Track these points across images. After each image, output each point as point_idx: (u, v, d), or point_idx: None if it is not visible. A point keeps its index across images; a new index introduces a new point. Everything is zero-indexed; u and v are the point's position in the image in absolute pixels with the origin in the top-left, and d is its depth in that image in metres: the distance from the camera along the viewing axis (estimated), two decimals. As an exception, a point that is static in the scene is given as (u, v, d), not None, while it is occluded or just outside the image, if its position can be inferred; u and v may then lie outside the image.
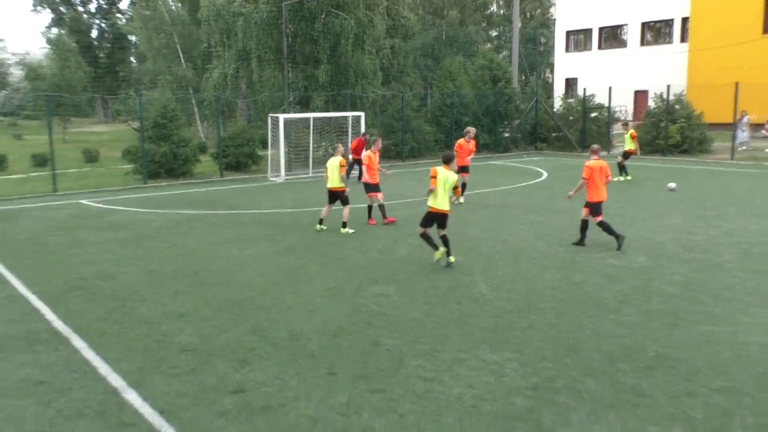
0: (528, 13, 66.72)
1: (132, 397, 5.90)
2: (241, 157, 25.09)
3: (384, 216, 14.16)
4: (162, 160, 22.74)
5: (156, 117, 23.20)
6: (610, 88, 31.26)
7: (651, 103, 30.88)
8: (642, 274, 9.61)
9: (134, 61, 69.89)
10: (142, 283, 9.70)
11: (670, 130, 28.14)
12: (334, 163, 13.13)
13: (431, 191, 9.99)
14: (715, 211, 14.72)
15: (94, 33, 70.54)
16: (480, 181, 21.21)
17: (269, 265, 10.58)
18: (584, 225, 11.61)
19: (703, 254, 10.77)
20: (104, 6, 70.66)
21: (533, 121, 33.49)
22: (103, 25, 70.30)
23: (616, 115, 37.34)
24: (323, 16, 28.48)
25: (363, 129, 24.72)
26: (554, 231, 12.85)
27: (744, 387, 5.86)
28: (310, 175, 24.28)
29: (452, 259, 10.18)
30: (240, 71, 31.69)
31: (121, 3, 71.11)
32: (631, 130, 21.52)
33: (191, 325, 7.74)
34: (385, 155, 29.05)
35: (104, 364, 6.64)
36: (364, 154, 14.78)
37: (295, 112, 27.94)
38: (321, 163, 25.44)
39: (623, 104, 43.67)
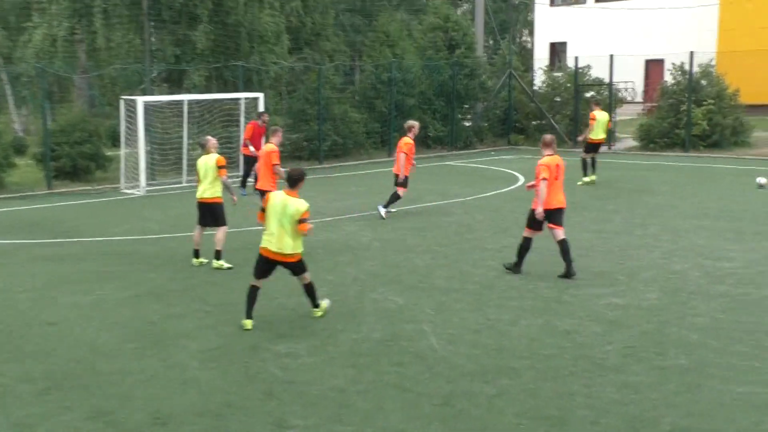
0: (496, -49, 68.28)
1: None
2: (79, 160, 24.60)
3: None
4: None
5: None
6: (611, 57, 32.21)
7: (668, 78, 31.91)
8: (654, 317, 9.92)
9: None
10: (-74, 348, 9.43)
11: (694, 116, 29.13)
12: (209, 163, 13.10)
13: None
14: (754, 227, 15.33)
15: None
16: (430, 189, 21.50)
17: (122, 317, 10.44)
18: (527, 245, 12.13)
19: (737, 287, 11.19)
20: None
21: (505, 104, 34.19)
22: None
23: (620, 95, 38.57)
24: (201, -46, 28.41)
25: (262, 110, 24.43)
26: (533, 259, 13.11)
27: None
28: (184, 184, 24.06)
29: (319, 312, 10.19)
30: (77, 32, 31.13)
31: None
32: (594, 111, 22.72)
33: (0, 411, 7.57)
34: (294, 155, 29.06)
35: None
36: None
37: (161, 92, 27.66)
38: (199, 166, 25.30)
39: (631, 79, 45.18)
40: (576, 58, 33.86)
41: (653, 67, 45.65)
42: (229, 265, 13.03)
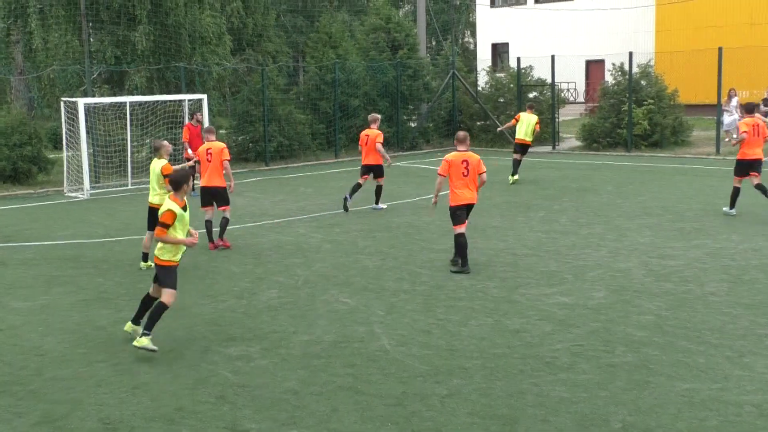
0: (438, -48, 68.57)
1: None
2: (20, 163, 24.24)
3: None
4: None
5: None
6: (553, 58, 32.56)
7: (609, 78, 32.37)
8: (601, 315, 10.06)
9: None
10: None
11: (635, 115, 29.55)
12: (156, 169, 12.98)
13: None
14: (696, 224, 15.63)
15: None
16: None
17: (69, 322, 10.33)
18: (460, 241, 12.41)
19: (681, 284, 11.40)
20: None
21: (449, 104, 34.35)
22: None
23: (563, 95, 39.01)
24: (140, -47, 28.13)
25: (206, 116, 24.30)
26: (483, 260, 13.24)
27: (737, 461, 6.32)
28: (130, 186, 23.85)
29: (139, 342, 8.89)
30: (12, 32, 30.62)
31: None
32: (523, 112, 23.55)
33: (-51, 418, 7.46)
34: (240, 157, 28.96)
35: None
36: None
37: (102, 94, 27.34)
38: (144, 169, 25.06)
39: (572, 80, 45.78)
40: (518, 59, 34.16)
41: (594, 67, 46.28)
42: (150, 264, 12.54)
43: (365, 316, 10.26)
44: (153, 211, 12.80)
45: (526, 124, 22.81)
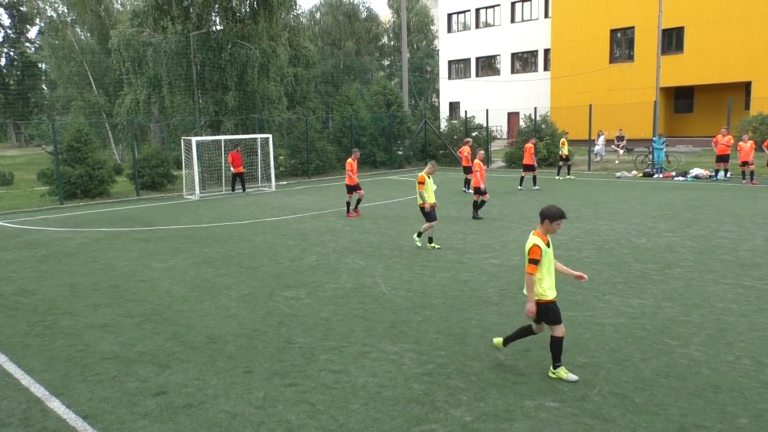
0: (415, 45, 68.35)
1: (55, 404, 5.63)
2: (156, 177, 24.27)
3: (355, 209, 16.56)
4: (78, 182, 21.65)
5: (70, 141, 22.06)
6: (487, 111, 32.57)
7: (522, 123, 32.36)
8: (518, 271, 10.07)
9: (45, 87, 65.83)
10: (62, 297, 9.22)
11: (538, 147, 29.49)
12: (418, 177, 12.10)
13: None
14: (576, 214, 15.64)
15: (3, 61, 65.99)
16: (379, 194, 21.55)
17: (187, 276, 10.32)
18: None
19: (567, 251, 11.42)
20: (12, 36, 66.24)
21: (423, 140, 34.31)
22: (12, 53, 65.84)
23: (493, 134, 38.91)
24: (230, 47, 28.04)
25: (271, 149, 24.53)
26: (444, 236, 13.24)
27: (601, 362, 6.31)
28: (223, 192, 23.85)
29: (556, 374, 5.95)
30: (152, 97, 30.63)
31: (29, 33, 66.88)
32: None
33: (113, 335, 7.45)
34: (292, 173, 28.99)
35: (26, 376, 6.30)
36: (348, 161, 16.56)
37: (206, 134, 27.31)
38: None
39: (499, 124, 45.73)
40: (465, 112, 34.14)
41: (512, 116, 46.17)
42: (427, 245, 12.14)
43: (371, 272, 10.28)
44: (422, 209, 12.15)
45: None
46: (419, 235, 12.40)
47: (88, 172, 21.90)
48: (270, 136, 25.13)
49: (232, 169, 23.38)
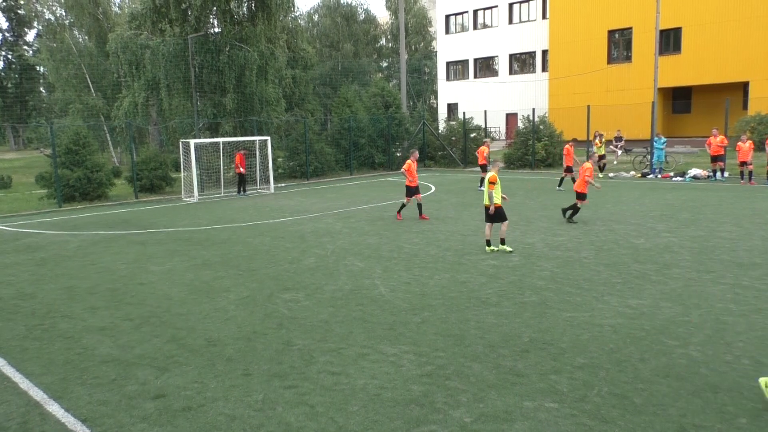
0: (413, 46, 68.39)
1: (54, 408, 5.63)
2: (154, 180, 24.26)
3: (420, 215, 15.85)
4: (76, 185, 21.64)
5: (68, 144, 22.05)
6: (485, 112, 32.65)
7: (520, 124, 32.37)
8: (516, 272, 10.09)
9: (43, 90, 65.77)
10: (61, 300, 9.21)
11: (537, 147, 29.56)
12: (487, 178, 11.65)
13: None
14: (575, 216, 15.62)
15: (1, 64, 65.93)
16: (377, 195, 21.55)
17: (185, 279, 10.32)
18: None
19: (566, 252, 11.43)
20: (10, 39, 66.19)
21: (421, 141, 34.31)
22: (9, 56, 65.78)
23: (491, 135, 38.92)
24: (228, 49, 28.02)
25: (269, 151, 24.58)
26: (442, 238, 13.25)
27: (600, 362, 6.31)
28: (222, 194, 23.83)
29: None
30: (150, 100, 30.59)
31: (27, 36, 66.86)
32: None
33: (111, 338, 7.45)
34: (291, 175, 28.99)
35: (25, 379, 6.29)
36: (407, 162, 16.01)
37: (205, 137, 27.29)
38: (231, 184, 25.04)
39: (497, 125, 45.75)
40: (464, 113, 34.13)
41: (511, 117, 46.23)
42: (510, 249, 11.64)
43: (369, 274, 10.27)
44: (486, 210, 11.75)
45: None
46: (503, 242, 11.69)
47: (87, 175, 21.89)
48: (268, 138, 25.12)
49: (242, 169, 23.40)
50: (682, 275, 9.52)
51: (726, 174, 23.21)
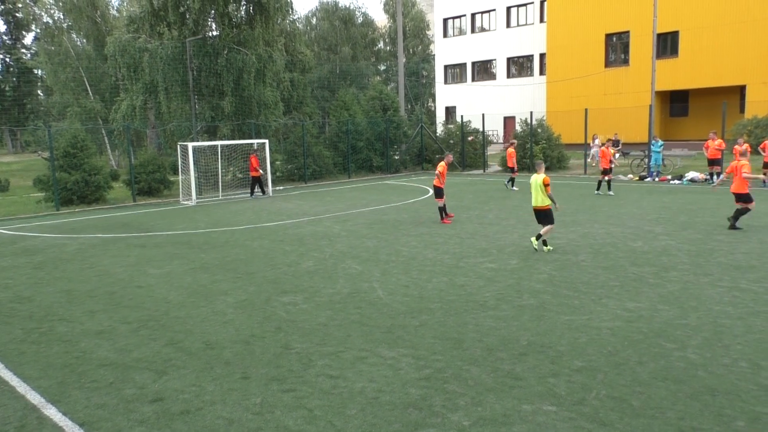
0: (411, 50, 68.47)
1: (52, 412, 5.61)
2: (152, 183, 24.24)
3: (445, 214, 15.88)
4: (74, 188, 21.61)
5: (66, 147, 22.03)
6: (483, 115, 32.63)
7: (518, 127, 32.45)
8: (515, 275, 10.09)
9: (41, 94, 65.67)
10: (59, 304, 9.20)
11: (534, 150, 29.56)
12: (537, 180, 11.80)
13: None
14: (572, 218, 15.66)
15: (-2, 67, 65.86)
16: (375, 198, 21.56)
17: (184, 282, 10.30)
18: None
19: (563, 255, 11.44)
20: (8, 42, 66.11)
21: (419, 144, 34.34)
22: (7, 59, 65.69)
23: (489, 138, 38.94)
24: (226, 52, 28.02)
25: (267, 154, 24.56)
26: (440, 241, 13.25)
27: (598, 365, 6.32)
28: (220, 197, 23.81)
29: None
30: (148, 103, 30.54)
31: (25, 39, 66.77)
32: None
33: (109, 341, 7.43)
34: (289, 178, 28.98)
35: (23, 383, 6.27)
36: (441, 164, 16.04)
37: (203, 140, 27.28)
38: (229, 187, 25.04)
39: (495, 128, 45.80)
40: (461, 116, 34.21)
41: (509, 120, 46.29)
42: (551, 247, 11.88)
43: (368, 277, 10.27)
44: (537, 212, 11.96)
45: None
46: (541, 240, 11.86)
47: (85, 178, 21.86)
48: (266, 141, 25.13)
49: (260, 171, 23.43)
50: (680, 278, 9.53)
51: (722, 177, 23.24)
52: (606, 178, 20.75)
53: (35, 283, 10.56)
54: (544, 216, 11.85)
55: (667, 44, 37.28)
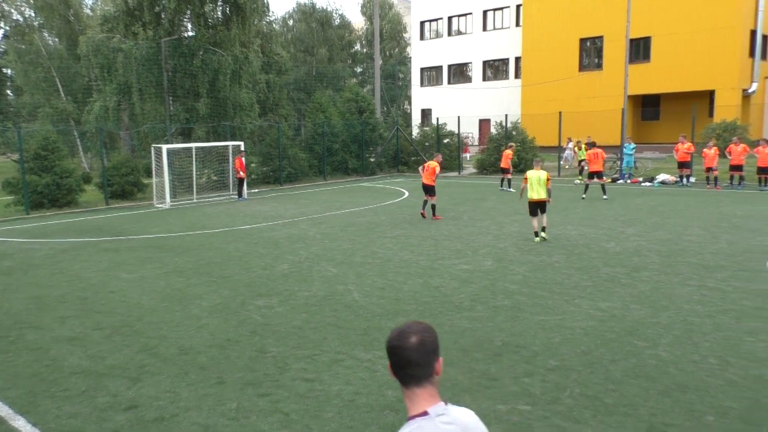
0: (387, 52, 68.60)
1: (20, 423, 5.48)
2: (126, 186, 23.89)
3: (433, 214, 16.51)
4: (45, 191, 21.20)
5: (37, 149, 21.60)
6: (458, 117, 32.86)
7: (493, 130, 32.67)
8: (489, 276, 10.16)
9: (11, 94, 64.37)
10: (28, 310, 9.01)
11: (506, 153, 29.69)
12: (542, 177, 12.89)
13: None
14: (551, 219, 15.77)
15: (-35, 66, 64.36)
16: (350, 201, 21.54)
17: (157, 286, 10.18)
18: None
19: (537, 256, 11.56)
20: (-24, 40, 64.70)
21: (395, 147, 34.42)
22: (-25, 58, 64.25)
23: (465, 141, 39.17)
24: (201, 53, 27.79)
25: (243, 157, 24.42)
26: (415, 243, 13.29)
27: (572, 364, 6.39)
28: (195, 200, 23.58)
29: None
30: (122, 104, 30.11)
31: (-6, 37, 65.38)
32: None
33: (81, 349, 7.31)
34: (264, 180, 28.81)
35: (-9, 393, 6.13)
36: (430, 163, 16.72)
37: (177, 142, 26.98)
38: (204, 189, 24.83)
39: (470, 131, 46.07)
40: (437, 119, 34.38)
41: (484, 123, 46.58)
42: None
43: (343, 279, 10.25)
44: (539, 203, 12.94)
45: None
46: (544, 230, 13.01)
47: (56, 180, 21.47)
48: (242, 143, 24.96)
49: (241, 172, 23.53)
50: (651, 278, 9.69)
51: (692, 179, 23.71)
52: (599, 181, 20.05)
53: (3, 289, 10.34)
54: (545, 207, 12.93)
55: (639, 49, 37.88)
